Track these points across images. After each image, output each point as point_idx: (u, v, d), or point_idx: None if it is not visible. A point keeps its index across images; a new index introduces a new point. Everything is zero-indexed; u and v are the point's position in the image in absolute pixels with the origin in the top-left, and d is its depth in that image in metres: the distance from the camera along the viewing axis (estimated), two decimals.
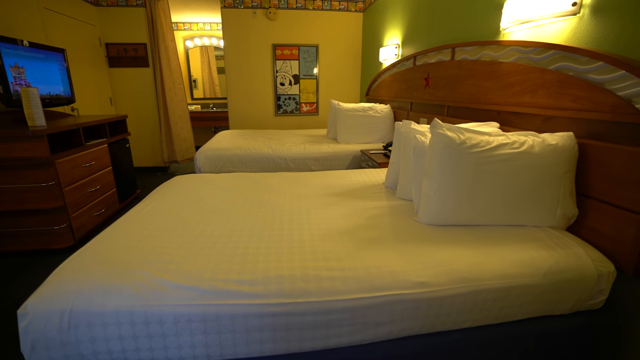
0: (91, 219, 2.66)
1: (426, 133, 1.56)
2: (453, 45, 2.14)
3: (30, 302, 0.94)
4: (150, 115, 4.38)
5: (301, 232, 1.29)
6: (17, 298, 1.87)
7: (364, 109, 3.07)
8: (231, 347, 0.98)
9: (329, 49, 4.30)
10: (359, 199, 1.69)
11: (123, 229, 1.31)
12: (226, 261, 1.07)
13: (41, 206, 2.28)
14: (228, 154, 2.75)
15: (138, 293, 0.95)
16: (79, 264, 1.06)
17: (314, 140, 3.24)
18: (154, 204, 1.58)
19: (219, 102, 5.67)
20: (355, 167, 2.87)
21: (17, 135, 2.16)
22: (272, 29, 4.16)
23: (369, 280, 1.04)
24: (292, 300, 0.97)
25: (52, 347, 0.93)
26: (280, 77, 4.29)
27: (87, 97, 3.73)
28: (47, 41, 3.13)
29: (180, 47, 5.34)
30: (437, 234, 1.30)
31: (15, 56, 2.41)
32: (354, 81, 4.47)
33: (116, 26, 4.07)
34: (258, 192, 1.78)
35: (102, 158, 2.85)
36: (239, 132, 3.71)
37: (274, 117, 4.46)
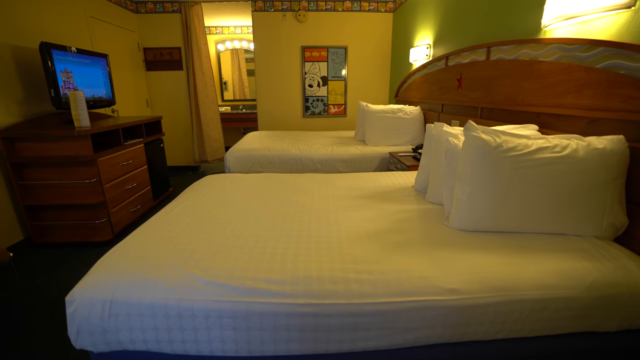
0: (128, 214, 2.80)
1: (459, 136, 1.51)
2: (488, 44, 2.07)
3: (77, 290, 1.00)
4: (182, 116, 4.56)
5: (329, 234, 1.29)
6: (63, 286, 2.01)
7: (393, 111, 3.03)
8: (259, 344, 1.00)
9: (357, 50, 4.28)
10: (388, 202, 1.66)
11: (158, 225, 1.37)
12: (255, 260, 1.09)
13: (84, 201, 2.43)
14: (257, 154, 2.80)
15: (172, 287, 0.99)
16: (118, 257, 1.12)
17: (342, 142, 3.24)
18: (187, 202, 1.64)
19: (248, 103, 5.80)
20: (383, 169, 2.84)
21: (65, 135, 2.32)
22: (301, 31, 4.20)
23: (398, 284, 1.02)
24: (319, 301, 0.97)
25: (94, 333, 0.99)
26: (308, 79, 4.33)
27: (125, 99, 3.94)
28: (92, 47, 3.34)
29: (212, 50, 5.52)
30: (469, 240, 1.26)
31: (65, 62, 2.60)
32: (383, 83, 4.42)
33: (153, 32, 4.28)
34: (287, 193, 1.80)
35: (138, 157, 3.00)
36: (267, 134, 3.78)
37: (301, 118, 4.50)
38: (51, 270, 2.21)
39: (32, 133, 2.33)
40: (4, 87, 2.39)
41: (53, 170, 2.42)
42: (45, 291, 1.97)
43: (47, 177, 2.43)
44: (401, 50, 3.89)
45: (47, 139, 2.34)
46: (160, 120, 3.49)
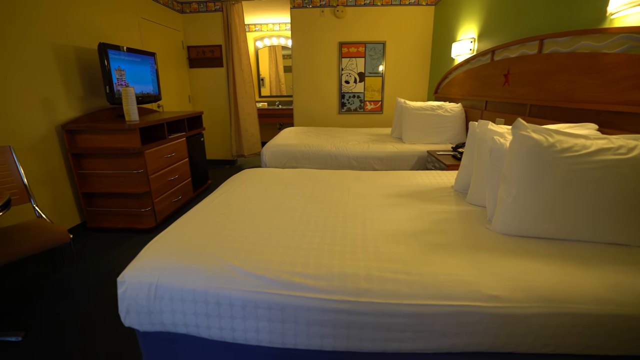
0: (170, 204, 2.96)
1: (505, 134, 1.42)
2: (541, 36, 1.92)
3: (127, 272, 1.08)
4: (221, 111, 4.72)
5: (365, 232, 1.28)
6: (112, 267, 2.17)
7: (432, 108, 2.93)
8: (292, 337, 1.01)
9: (396, 45, 4.18)
10: (426, 202, 1.61)
11: (199, 215, 1.43)
12: (291, 254, 1.10)
13: (132, 190, 2.60)
14: (293, 150, 2.84)
15: (212, 275, 1.02)
16: (164, 244, 1.18)
17: (378, 139, 3.18)
18: (226, 194, 1.69)
19: (284, 99, 5.88)
20: (420, 168, 2.76)
21: (117, 128, 2.50)
22: (339, 27, 4.18)
23: (436, 287, 0.99)
24: (354, 298, 0.97)
25: (141, 313, 1.06)
26: (345, 75, 4.30)
27: (170, 95, 4.15)
28: (141, 46, 3.56)
29: (251, 47, 5.65)
30: (514, 245, 1.18)
31: (118, 60, 2.78)
32: (422, 79, 4.28)
33: (197, 30, 4.46)
34: (322, 189, 1.80)
35: (180, 150, 3.16)
36: (303, 129, 3.81)
37: (337, 115, 4.49)
38: (102, 252, 2.40)
39: (90, 126, 2.52)
40: (69, 84, 2.61)
41: (106, 160, 2.61)
42: (97, 271, 2.14)
43: (100, 167, 2.63)
44: (442, 45, 3.74)
45: (101, 132, 2.53)
46: (201, 115, 3.64)
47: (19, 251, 1.57)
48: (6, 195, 1.48)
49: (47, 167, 2.45)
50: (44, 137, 2.42)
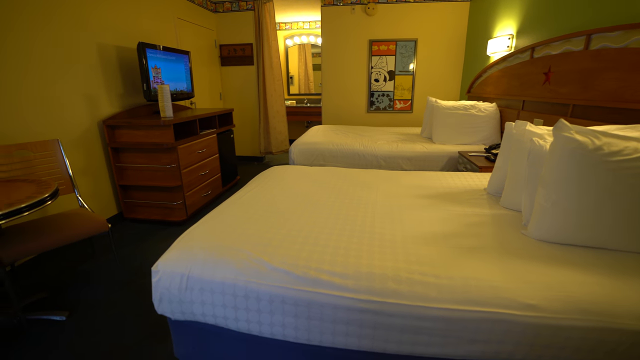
0: (200, 198, 3.05)
1: (545, 136, 1.35)
2: (588, 31, 1.80)
3: (160, 262, 1.12)
4: (251, 109, 4.81)
5: (393, 232, 1.26)
6: (146, 256, 2.28)
7: (464, 107, 2.83)
8: (318, 334, 1.02)
9: (428, 43, 4.07)
10: (457, 204, 1.56)
11: (229, 210, 1.46)
12: (319, 252, 1.10)
13: (165, 184, 2.71)
14: (321, 148, 2.84)
15: (241, 269, 1.05)
16: (195, 237, 1.23)
17: (407, 138, 3.12)
18: (255, 190, 1.73)
19: (312, 97, 5.91)
20: (451, 169, 2.68)
21: (153, 124, 2.61)
22: (370, 25, 4.13)
23: (466, 292, 0.95)
24: (381, 299, 0.96)
25: (173, 303, 1.10)
26: (375, 74, 4.24)
27: (202, 92, 4.29)
28: (177, 45, 3.69)
29: (281, 45, 5.71)
30: (551, 252, 1.12)
31: (155, 59, 2.90)
32: (454, 77, 4.15)
33: (229, 29, 4.57)
34: (350, 188, 1.79)
35: (211, 146, 3.25)
36: (331, 128, 3.80)
37: (366, 113, 4.45)
38: (137, 242, 2.52)
39: (128, 122, 2.66)
40: (110, 82, 2.77)
41: (141, 155, 2.74)
42: (132, 259, 2.26)
43: (136, 160, 2.76)
44: (477, 42, 3.60)
45: (138, 127, 2.66)
46: (231, 113, 3.74)
47: (65, 238, 1.69)
48: (54, 186, 1.59)
49: (89, 159, 2.61)
50: (87, 131, 2.58)
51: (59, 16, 2.31)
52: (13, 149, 1.92)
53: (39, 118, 2.20)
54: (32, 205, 1.38)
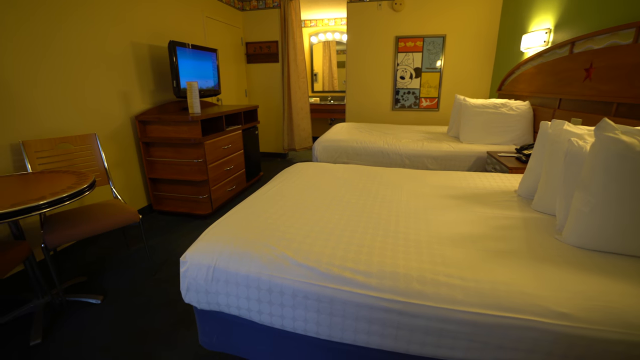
0: (225, 193, 3.13)
1: (585, 136, 1.28)
2: (638, 23, 1.68)
3: (188, 253, 1.16)
4: (275, 105, 4.86)
5: (418, 232, 1.24)
6: (173, 247, 2.37)
7: (495, 106, 2.72)
8: (339, 330, 1.02)
9: (457, 39, 3.94)
10: (485, 206, 1.51)
11: (254, 205, 1.49)
12: (342, 249, 1.10)
13: (192, 178, 2.79)
14: (344, 145, 2.83)
15: (265, 263, 1.07)
16: (222, 230, 1.25)
17: (433, 137, 3.05)
18: (279, 186, 1.75)
19: (336, 95, 5.89)
20: (478, 169, 2.59)
21: (182, 120, 2.69)
22: (397, 21, 4.05)
23: (494, 296, 0.92)
24: (406, 299, 0.94)
25: (199, 292, 1.14)
26: (400, 71, 4.17)
27: (228, 89, 4.37)
28: (205, 43, 3.78)
29: (306, 43, 5.73)
30: (588, 260, 1.06)
31: (184, 57, 2.99)
32: (484, 75, 4.00)
33: (255, 27, 4.63)
34: (374, 186, 1.77)
35: (236, 142, 3.31)
36: (355, 125, 3.78)
37: (390, 111, 4.38)
38: (165, 233, 2.62)
39: (159, 118, 2.76)
40: (142, 79, 2.88)
41: (170, 149, 2.84)
42: (160, 249, 2.35)
43: (165, 155, 2.86)
44: (510, 37, 3.45)
45: (168, 123, 2.75)
46: (256, 109, 3.79)
47: (101, 226, 1.78)
48: (92, 177, 1.68)
49: (122, 153, 2.73)
50: (121, 126, 2.70)
51: (99, 17, 2.43)
52: (56, 142, 2.04)
53: (79, 113, 2.32)
54: (73, 195, 1.46)
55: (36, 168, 1.93)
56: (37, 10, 2.01)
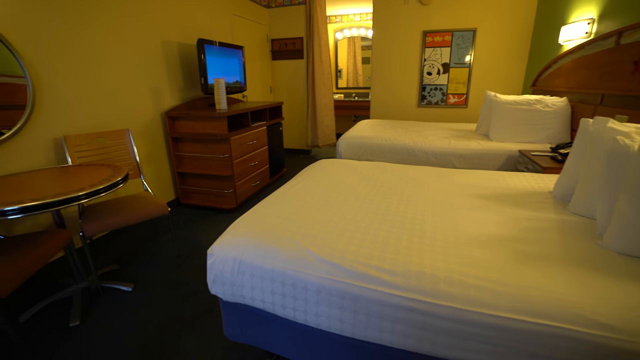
0: (249, 188, 3.18)
1: (633, 134, 1.19)
2: None
3: (215, 246, 1.19)
4: (299, 102, 4.88)
5: (445, 232, 1.20)
6: (199, 239, 2.44)
7: (528, 102, 2.60)
8: (363, 329, 1.01)
9: (488, 32, 3.78)
10: (516, 207, 1.45)
11: (279, 200, 1.50)
12: (367, 247, 1.09)
13: (218, 173, 2.86)
14: (369, 142, 2.80)
15: (290, 259, 1.07)
16: (248, 224, 1.28)
17: (461, 135, 2.96)
18: (304, 182, 1.75)
19: (361, 91, 5.83)
20: (509, 169, 2.48)
21: (209, 116, 2.76)
22: (424, 15, 3.94)
23: (525, 301, 0.88)
24: (431, 300, 0.92)
25: (225, 284, 1.17)
26: (427, 66, 4.06)
27: (253, 86, 4.43)
28: (232, 40, 3.85)
29: (331, 39, 5.70)
30: (635, 268, 0.99)
31: (212, 54, 3.05)
32: (517, 70, 3.81)
33: (280, 23, 4.65)
34: (399, 184, 1.74)
35: (261, 138, 3.36)
36: (379, 122, 3.73)
37: (416, 108, 4.28)
38: (191, 226, 2.71)
39: (187, 114, 2.84)
40: (172, 76, 2.97)
41: (197, 145, 2.92)
42: (187, 241, 2.43)
43: (192, 150, 2.95)
44: (548, 29, 3.27)
45: (196, 119, 2.83)
46: (281, 106, 3.82)
47: (134, 217, 1.86)
48: (125, 170, 1.76)
49: (152, 148, 2.84)
50: (152, 122, 2.80)
51: (133, 18, 2.52)
52: (93, 137, 2.15)
53: (114, 109, 2.43)
54: (108, 187, 1.54)
55: (75, 161, 2.04)
56: (78, 16, 2.12)
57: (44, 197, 1.35)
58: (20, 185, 1.55)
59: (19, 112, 1.84)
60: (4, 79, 1.76)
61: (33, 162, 1.94)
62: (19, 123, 1.83)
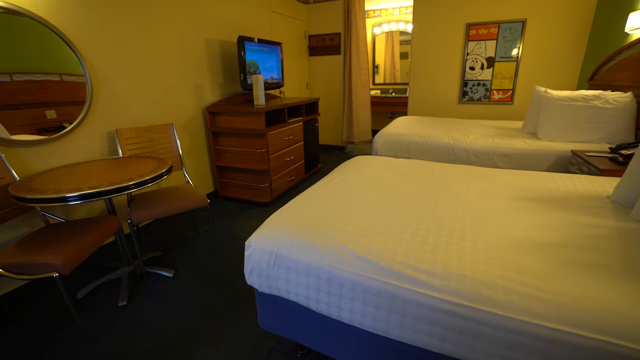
0: (284, 183, 3.23)
1: None
2: None
3: (253, 238, 1.22)
4: (335, 98, 4.87)
5: (487, 234, 1.14)
6: (236, 231, 2.52)
7: (585, 98, 2.39)
8: (397, 328, 0.99)
9: (540, 23, 3.52)
10: (568, 211, 1.34)
11: (315, 196, 1.51)
12: (404, 245, 1.07)
13: (255, 167, 2.93)
14: (406, 139, 2.73)
15: (326, 254, 1.08)
16: (285, 218, 1.30)
17: (505, 133, 2.79)
18: (340, 178, 1.75)
19: (397, 87, 5.69)
20: (560, 170, 2.31)
21: (247, 111, 2.83)
22: (468, 6, 3.75)
23: (580, 313, 0.82)
24: (472, 304, 0.88)
25: (261, 276, 1.20)
26: (470, 61, 3.87)
27: (290, 82, 4.48)
28: (270, 37, 3.91)
29: (369, 34, 5.60)
30: None
31: (251, 51, 3.12)
32: (572, 63, 3.52)
33: (318, 19, 4.65)
34: (438, 183, 1.68)
35: (297, 134, 3.39)
36: (417, 119, 3.62)
37: (456, 104, 4.10)
38: (228, 218, 2.81)
39: (227, 109, 2.93)
40: (213, 73, 3.09)
41: (235, 139, 3.01)
42: (224, 233, 2.52)
43: (231, 144, 3.04)
44: (611, 16, 2.98)
45: (235, 114, 2.92)
46: (317, 102, 3.83)
47: (176, 207, 1.96)
48: (169, 163, 1.86)
49: (193, 141, 2.97)
50: (194, 117, 2.93)
51: (180, 18, 2.65)
52: (141, 130, 2.29)
53: (160, 105, 2.57)
54: (154, 178, 1.63)
55: (125, 153, 2.19)
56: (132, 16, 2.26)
57: (99, 186, 1.46)
58: (79, 175, 1.69)
59: (78, 108, 2.00)
60: (67, 77, 1.92)
61: (90, 153, 2.11)
62: (79, 118, 1.99)
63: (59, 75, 1.89)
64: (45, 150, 1.88)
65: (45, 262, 1.36)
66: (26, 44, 1.74)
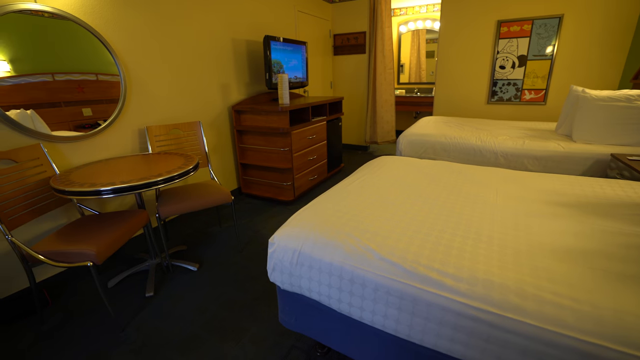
0: (307, 182, 3.25)
1: None
2: None
3: (276, 236, 1.24)
4: (359, 97, 4.83)
5: (517, 240, 1.10)
6: (258, 228, 2.56)
7: (627, 98, 2.24)
8: (420, 332, 0.97)
9: (578, 18, 3.34)
10: (607, 218, 1.27)
11: (339, 195, 1.51)
12: (429, 248, 1.04)
13: (278, 165, 2.96)
14: (431, 140, 2.67)
15: (349, 254, 1.07)
16: (308, 217, 1.30)
17: (537, 134, 2.67)
18: (363, 178, 1.73)
19: (423, 87, 5.58)
20: (597, 175, 2.18)
21: (272, 110, 2.86)
22: (499, 3, 3.61)
23: (620, 327, 0.77)
24: (500, 312, 0.85)
25: (284, 273, 1.21)
26: (501, 59, 3.72)
27: (314, 81, 4.49)
28: (295, 36, 3.93)
29: (394, 32, 5.52)
30: None
31: (276, 50, 3.16)
32: (613, 61, 3.31)
33: (343, 18, 4.63)
34: (464, 185, 1.64)
35: (320, 133, 3.40)
36: (443, 119, 3.53)
37: (485, 105, 3.96)
38: (251, 215, 2.85)
39: (252, 108, 2.98)
40: (239, 72, 3.14)
41: (260, 137, 3.05)
42: (247, 229, 2.56)
43: (255, 142, 3.09)
44: None
45: (260, 112, 2.96)
46: (341, 101, 3.82)
47: (202, 203, 2.02)
48: (196, 159, 1.91)
49: (219, 139, 3.04)
50: (220, 115, 3.00)
51: (208, 18, 2.72)
52: (169, 128, 2.37)
53: (188, 103, 2.65)
54: (182, 174, 1.69)
55: (155, 149, 2.27)
56: (163, 17, 2.34)
57: (130, 181, 1.53)
58: (112, 170, 1.78)
59: (112, 106, 2.09)
60: (103, 77, 2.02)
61: (122, 149, 2.21)
62: (113, 115, 2.09)
63: (95, 74, 1.99)
64: (81, 146, 1.98)
65: (81, 251, 1.44)
66: (67, 45, 1.85)
